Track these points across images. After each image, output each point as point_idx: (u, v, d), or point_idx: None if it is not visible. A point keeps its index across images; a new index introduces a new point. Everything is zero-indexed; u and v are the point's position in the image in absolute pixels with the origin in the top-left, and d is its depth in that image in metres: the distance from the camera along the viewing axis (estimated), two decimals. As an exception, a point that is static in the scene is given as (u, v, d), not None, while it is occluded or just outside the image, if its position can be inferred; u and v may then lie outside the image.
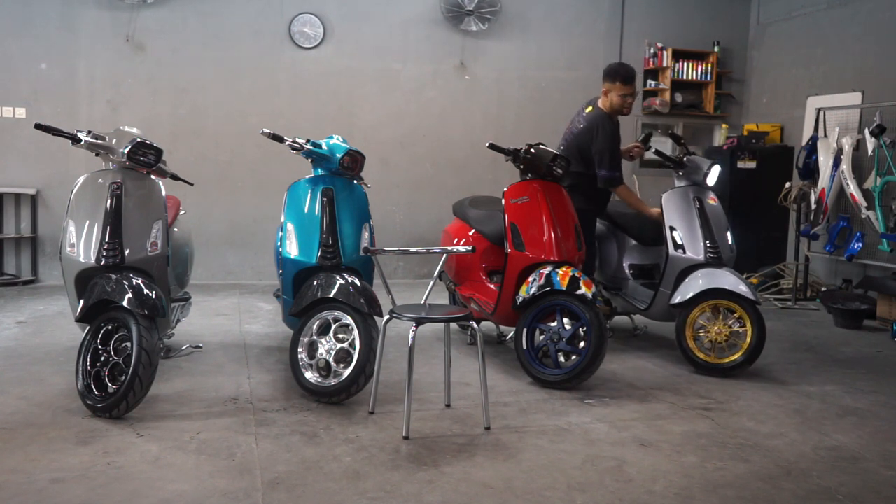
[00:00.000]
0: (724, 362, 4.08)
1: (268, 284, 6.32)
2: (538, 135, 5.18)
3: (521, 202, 4.10)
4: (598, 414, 3.43)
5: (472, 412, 3.35)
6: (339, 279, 3.50)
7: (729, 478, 2.76)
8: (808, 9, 7.08)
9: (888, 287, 5.55)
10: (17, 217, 6.36)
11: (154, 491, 2.49)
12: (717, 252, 4.23)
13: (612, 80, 4.43)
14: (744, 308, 4.06)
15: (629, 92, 4.42)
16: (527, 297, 3.86)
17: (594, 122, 4.47)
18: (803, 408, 3.60)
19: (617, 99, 4.42)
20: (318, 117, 6.70)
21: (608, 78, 4.45)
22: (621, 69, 4.46)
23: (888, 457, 3.01)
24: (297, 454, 2.86)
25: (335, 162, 3.80)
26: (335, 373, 3.43)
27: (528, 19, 7.23)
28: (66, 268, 3.50)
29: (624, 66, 4.50)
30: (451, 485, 2.63)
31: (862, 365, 4.48)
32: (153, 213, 3.55)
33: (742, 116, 7.85)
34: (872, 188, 5.80)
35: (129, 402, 3.08)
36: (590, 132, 4.47)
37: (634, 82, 4.46)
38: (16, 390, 3.52)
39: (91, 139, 3.48)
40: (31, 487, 2.50)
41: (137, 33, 6.40)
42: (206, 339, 4.60)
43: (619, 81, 4.39)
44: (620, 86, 4.40)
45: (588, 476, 2.74)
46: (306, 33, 6.73)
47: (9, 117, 6.22)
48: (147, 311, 3.18)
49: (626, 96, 4.42)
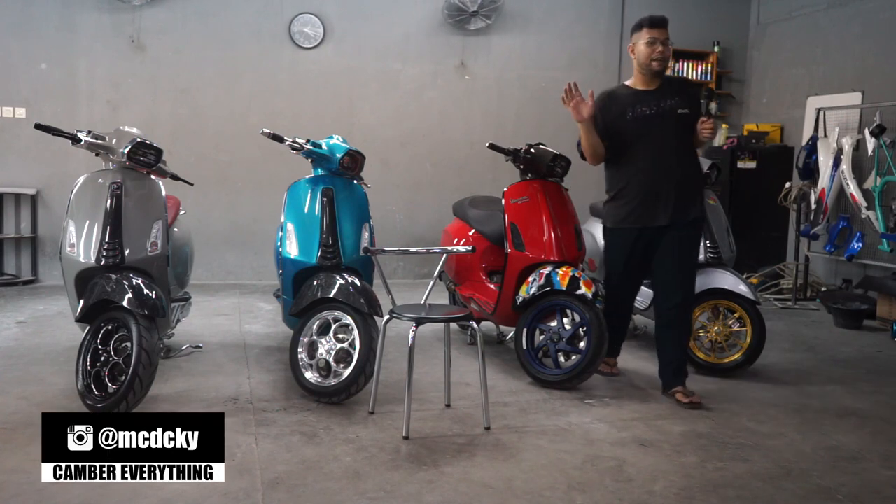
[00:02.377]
0: (724, 362, 4.08)
1: (268, 284, 6.32)
2: (538, 135, 5.18)
3: (521, 202, 4.11)
4: (598, 414, 3.43)
5: (472, 412, 3.35)
6: (339, 279, 3.51)
7: (729, 478, 2.76)
8: (808, 9, 7.07)
9: (888, 287, 5.55)
10: (17, 217, 6.35)
11: (154, 491, 2.49)
12: (717, 252, 4.23)
13: (637, 30, 3.66)
14: (744, 308, 4.06)
15: (655, 36, 3.59)
16: (527, 297, 3.87)
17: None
18: (803, 408, 3.60)
19: (643, 48, 3.61)
20: (318, 117, 6.70)
21: (633, 32, 3.69)
22: (647, 16, 3.67)
23: (888, 457, 3.01)
24: (297, 454, 2.86)
25: (335, 162, 3.80)
26: (335, 373, 3.43)
27: (528, 19, 7.22)
28: (66, 268, 3.50)
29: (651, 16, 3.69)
30: (451, 485, 2.63)
31: (862, 365, 4.48)
32: (153, 213, 3.55)
33: (742, 116, 7.84)
34: (872, 188, 5.80)
35: (129, 402, 3.08)
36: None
37: (665, 27, 3.64)
38: (16, 390, 3.52)
39: (91, 139, 3.47)
40: (31, 487, 2.50)
41: (137, 33, 6.40)
42: (206, 339, 4.60)
43: (646, 26, 3.62)
44: (646, 31, 3.61)
45: (588, 476, 2.74)
46: (306, 33, 6.73)
47: (9, 117, 6.21)
48: (147, 311, 3.18)
49: (654, 42, 3.58)
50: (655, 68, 3.62)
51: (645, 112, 3.65)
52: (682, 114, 3.65)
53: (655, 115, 3.65)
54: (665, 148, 3.64)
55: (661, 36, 3.62)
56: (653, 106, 3.66)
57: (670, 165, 3.64)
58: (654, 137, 3.64)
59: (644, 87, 3.71)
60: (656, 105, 3.66)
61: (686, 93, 3.76)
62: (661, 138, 3.64)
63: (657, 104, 3.66)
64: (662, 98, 3.67)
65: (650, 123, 3.64)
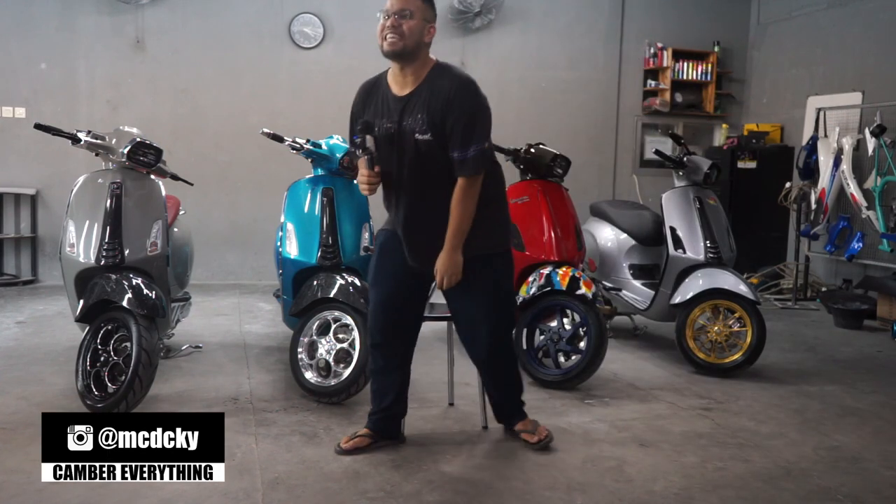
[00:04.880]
0: (724, 362, 4.08)
1: (268, 284, 6.31)
2: (538, 135, 5.17)
3: (521, 202, 4.11)
4: (598, 414, 3.42)
5: (472, 412, 3.35)
6: (339, 279, 3.51)
7: (729, 478, 2.76)
8: (808, 9, 7.07)
9: (888, 287, 5.55)
10: (16, 217, 6.35)
11: (154, 491, 2.49)
12: (717, 252, 4.23)
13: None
14: (744, 308, 4.06)
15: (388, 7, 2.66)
16: (527, 297, 3.86)
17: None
18: (803, 408, 3.59)
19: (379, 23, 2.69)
20: (318, 117, 6.68)
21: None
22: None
23: (888, 457, 3.01)
24: (297, 454, 2.86)
25: (335, 162, 3.80)
26: (335, 373, 3.43)
27: (528, 19, 7.22)
28: (66, 268, 3.50)
29: None
30: (451, 485, 2.63)
31: (862, 365, 4.48)
32: (153, 213, 3.55)
33: (742, 116, 7.84)
34: (872, 188, 5.80)
35: (129, 402, 3.08)
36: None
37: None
38: (16, 390, 3.52)
39: (91, 139, 3.47)
40: (31, 487, 2.50)
41: (138, 33, 6.40)
42: (206, 339, 4.59)
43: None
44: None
45: (588, 476, 2.74)
46: (306, 33, 6.73)
47: (9, 117, 6.21)
48: (147, 311, 3.18)
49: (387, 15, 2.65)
50: (385, 49, 2.65)
51: (388, 129, 2.71)
52: (422, 140, 2.67)
53: (396, 135, 2.71)
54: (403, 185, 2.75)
55: (395, 6, 2.64)
56: (395, 121, 2.71)
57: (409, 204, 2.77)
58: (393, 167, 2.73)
59: (396, 89, 2.74)
60: (397, 120, 2.70)
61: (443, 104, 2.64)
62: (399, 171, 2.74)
63: (399, 119, 2.70)
64: (408, 110, 2.69)
65: (390, 147, 2.72)
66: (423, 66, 2.71)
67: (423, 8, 2.67)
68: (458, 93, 2.67)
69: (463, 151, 2.66)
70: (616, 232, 4.85)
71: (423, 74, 2.71)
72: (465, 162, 2.67)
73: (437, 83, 2.68)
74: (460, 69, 2.80)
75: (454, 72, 2.74)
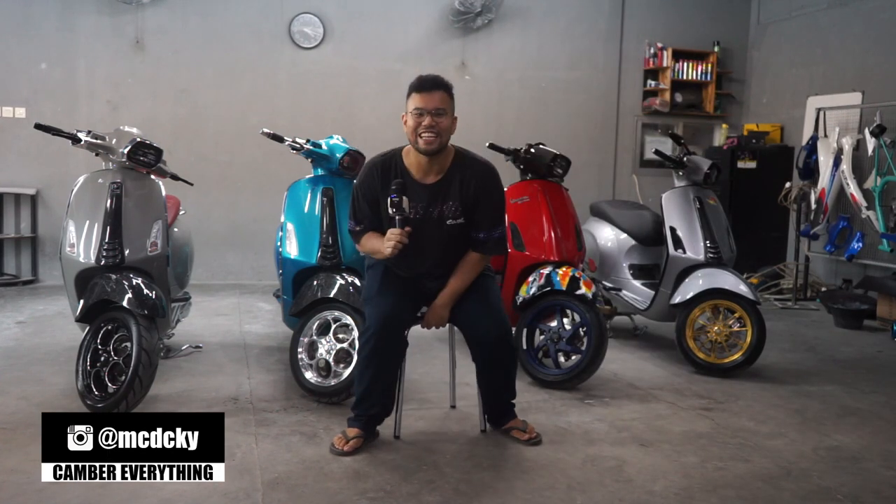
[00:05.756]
0: (724, 362, 4.08)
1: (268, 284, 6.31)
2: (538, 135, 5.18)
3: (521, 202, 4.11)
4: (598, 414, 3.42)
5: (472, 412, 3.34)
6: (339, 279, 3.51)
7: (729, 478, 2.76)
8: (808, 9, 7.07)
9: (888, 287, 5.55)
10: (17, 217, 6.35)
11: (154, 491, 2.49)
12: (717, 252, 4.24)
13: (408, 95, 2.88)
14: (744, 308, 4.06)
15: (423, 105, 2.78)
16: (527, 297, 3.86)
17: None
18: (803, 408, 3.59)
19: (410, 120, 2.85)
20: (318, 117, 6.70)
21: (407, 96, 2.89)
22: (415, 78, 2.86)
23: (888, 457, 3.01)
24: (297, 454, 2.86)
25: (335, 162, 3.80)
26: (335, 373, 3.43)
27: (528, 19, 7.22)
28: (66, 268, 3.50)
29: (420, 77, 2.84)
30: (451, 485, 2.63)
31: (862, 365, 4.48)
32: (153, 213, 3.55)
33: (742, 116, 7.84)
34: (872, 188, 5.80)
35: (129, 402, 3.08)
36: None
37: (442, 90, 2.82)
38: (16, 390, 3.52)
39: (91, 139, 3.47)
40: (31, 487, 2.50)
41: (138, 33, 6.40)
42: (206, 339, 4.59)
43: (414, 91, 2.84)
44: (415, 97, 2.82)
45: (588, 476, 2.74)
46: (306, 33, 6.73)
47: (9, 117, 6.21)
48: (147, 311, 3.18)
49: (422, 113, 2.78)
50: (422, 147, 2.78)
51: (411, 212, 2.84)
52: (454, 225, 2.88)
53: (420, 220, 2.86)
54: (423, 254, 2.93)
55: (430, 104, 2.76)
56: (421, 207, 2.86)
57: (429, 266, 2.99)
58: (412, 241, 2.83)
59: (419, 176, 2.87)
60: (424, 206, 2.86)
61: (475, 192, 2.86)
62: (419, 243, 2.86)
63: (426, 205, 2.86)
64: (437, 197, 2.86)
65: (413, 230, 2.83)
66: (447, 156, 2.90)
67: (452, 103, 2.84)
68: (487, 182, 2.91)
69: (489, 233, 2.93)
70: (616, 232, 4.85)
71: (447, 163, 2.89)
72: (488, 243, 2.95)
73: (465, 172, 2.88)
74: (476, 154, 2.99)
75: (477, 159, 2.95)
